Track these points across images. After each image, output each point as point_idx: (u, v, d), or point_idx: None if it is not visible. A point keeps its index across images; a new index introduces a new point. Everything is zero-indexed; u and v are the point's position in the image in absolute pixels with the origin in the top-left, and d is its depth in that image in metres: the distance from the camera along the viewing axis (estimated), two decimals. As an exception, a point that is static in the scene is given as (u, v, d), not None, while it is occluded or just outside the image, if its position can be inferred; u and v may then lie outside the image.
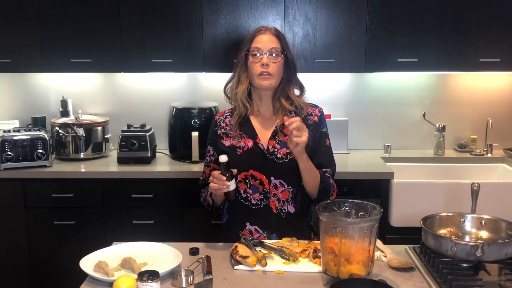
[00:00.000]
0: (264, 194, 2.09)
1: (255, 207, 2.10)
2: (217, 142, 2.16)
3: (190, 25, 3.22)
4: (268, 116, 2.15)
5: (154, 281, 1.55)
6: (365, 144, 3.63)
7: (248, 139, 2.11)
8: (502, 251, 1.70)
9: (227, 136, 2.15)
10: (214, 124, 2.20)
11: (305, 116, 2.13)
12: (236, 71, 2.12)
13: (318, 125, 2.14)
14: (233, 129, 2.13)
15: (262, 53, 2.04)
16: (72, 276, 1.97)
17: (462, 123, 3.63)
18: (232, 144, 2.12)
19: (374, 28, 3.21)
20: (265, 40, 2.06)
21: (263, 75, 2.04)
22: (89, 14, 3.21)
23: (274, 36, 2.07)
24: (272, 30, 2.10)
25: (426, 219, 1.90)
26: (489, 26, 3.20)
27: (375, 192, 3.05)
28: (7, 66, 3.28)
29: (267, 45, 2.05)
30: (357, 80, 3.60)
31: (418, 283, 1.70)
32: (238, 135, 2.12)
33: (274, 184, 2.09)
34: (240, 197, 2.10)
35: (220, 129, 2.17)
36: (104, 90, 3.63)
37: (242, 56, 2.08)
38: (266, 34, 2.07)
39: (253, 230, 2.09)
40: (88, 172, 3.10)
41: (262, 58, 2.04)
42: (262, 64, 2.03)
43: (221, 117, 2.20)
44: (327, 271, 1.66)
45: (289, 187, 2.10)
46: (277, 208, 2.10)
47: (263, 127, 2.14)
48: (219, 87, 3.57)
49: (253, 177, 2.08)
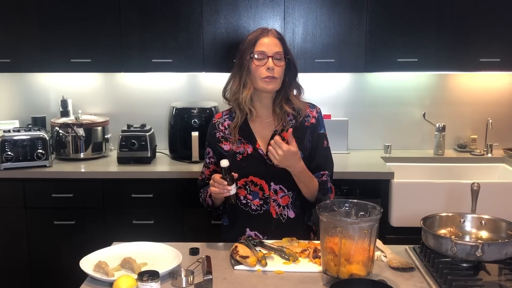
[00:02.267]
0: (264, 199, 2.09)
1: (255, 213, 2.10)
2: (216, 146, 2.15)
3: (190, 25, 3.22)
4: (266, 119, 2.14)
5: (154, 281, 1.55)
6: (365, 144, 3.63)
7: (247, 144, 2.10)
8: (502, 251, 1.70)
9: (226, 140, 2.13)
10: (213, 127, 2.18)
11: (302, 118, 2.13)
12: (237, 74, 2.09)
13: (316, 127, 2.14)
14: (232, 134, 2.11)
15: (267, 57, 2.02)
16: (72, 276, 1.97)
17: (462, 123, 3.63)
18: (231, 149, 2.11)
19: (374, 28, 3.21)
20: (269, 43, 2.04)
21: (267, 79, 2.03)
22: (89, 14, 3.21)
23: (277, 39, 2.06)
24: (274, 33, 2.08)
25: (426, 219, 1.91)
26: (489, 26, 3.20)
27: (375, 192, 3.05)
28: (7, 66, 3.28)
29: (272, 48, 2.03)
30: (357, 80, 3.60)
31: (418, 283, 1.70)
32: (237, 140, 2.10)
33: (274, 190, 2.09)
34: (240, 203, 2.10)
35: (219, 132, 2.15)
36: (104, 90, 3.63)
37: (247, 60, 2.05)
38: (270, 37, 2.06)
39: (253, 236, 2.09)
40: (88, 172, 3.10)
41: (267, 61, 2.02)
42: (268, 68, 2.02)
43: (219, 120, 2.17)
44: (327, 271, 1.66)
45: (289, 192, 2.10)
46: (277, 213, 2.10)
47: (261, 131, 2.13)
48: (219, 87, 3.57)
49: (253, 183, 2.08)
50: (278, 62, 2.04)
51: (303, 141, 2.09)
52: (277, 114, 2.11)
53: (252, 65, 2.04)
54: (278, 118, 2.11)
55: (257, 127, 2.13)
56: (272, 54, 2.03)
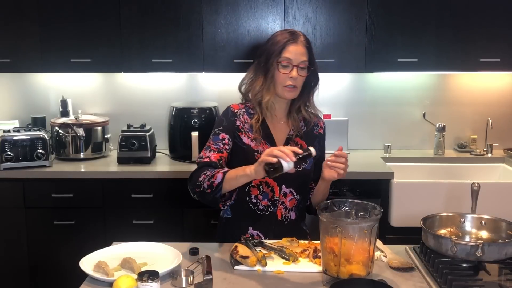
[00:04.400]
0: (272, 201, 2.08)
1: (261, 213, 2.09)
2: (235, 133, 2.08)
3: (190, 25, 3.22)
4: (282, 121, 2.13)
5: (154, 281, 1.54)
6: (365, 144, 3.63)
7: (266, 145, 2.07)
8: (502, 251, 1.70)
9: (245, 133, 2.08)
10: (233, 114, 2.09)
11: (312, 126, 2.16)
12: (260, 74, 2.05)
13: (322, 138, 2.20)
14: (254, 130, 2.07)
15: (292, 66, 2.01)
16: (72, 276, 1.96)
17: (462, 123, 3.63)
18: (249, 145, 2.07)
19: (374, 28, 3.21)
20: (297, 52, 2.01)
21: (288, 88, 2.02)
22: (89, 14, 3.21)
23: (304, 48, 2.03)
24: (302, 40, 2.04)
25: (426, 219, 1.90)
26: (489, 26, 3.20)
27: (375, 192, 3.05)
28: (7, 66, 3.28)
29: (299, 57, 2.01)
30: (357, 80, 3.60)
31: (418, 283, 1.70)
32: (258, 139, 2.07)
33: (284, 193, 2.09)
34: (250, 201, 2.09)
35: (240, 122, 2.09)
36: (104, 90, 3.63)
37: (273, 65, 2.01)
38: (298, 45, 2.02)
39: (255, 235, 2.09)
40: (88, 172, 3.10)
41: (291, 70, 2.00)
42: (291, 76, 2.01)
43: (239, 111, 2.11)
44: (327, 271, 1.66)
45: (297, 195, 2.11)
46: (282, 215, 2.10)
47: (277, 132, 2.12)
48: (219, 87, 3.62)
49: (267, 184, 2.07)
50: (301, 72, 2.02)
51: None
52: (293, 118, 2.12)
53: (276, 71, 2.02)
54: (294, 122, 2.12)
55: (273, 128, 2.12)
56: (298, 63, 2.01)
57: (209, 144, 2.06)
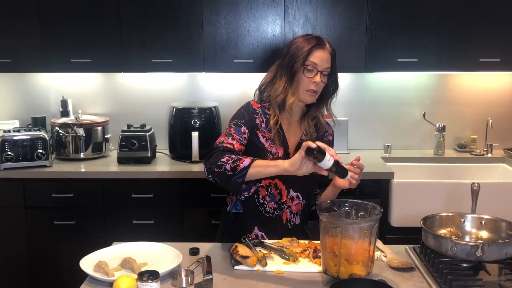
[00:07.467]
0: (279, 204, 2.08)
1: (267, 215, 2.09)
2: (253, 130, 2.05)
3: (190, 25, 3.22)
4: (295, 124, 2.13)
5: (154, 281, 1.55)
6: (365, 144, 3.63)
7: (279, 147, 2.06)
8: (502, 251, 1.70)
9: (262, 132, 2.06)
10: (254, 111, 2.07)
11: (322, 133, 2.18)
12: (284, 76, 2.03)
13: (331, 144, 2.20)
14: (272, 131, 2.05)
15: (317, 71, 2.00)
16: (72, 276, 1.97)
17: (462, 123, 3.63)
18: (264, 144, 2.06)
19: (374, 28, 3.21)
20: (323, 58, 2.01)
21: (310, 92, 2.02)
22: (89, 14, 3.21)
23: (330, 55, 2.03)
24: (328, 47, 2.03)
25: (426, 219, 1.90)
26: (489, 26, 3.20)
27: (375, 192, 3.05)
28: (7, 66, 3.28)
29: (324, 64, 2.01)
30: (357, 80, 3.60)
31: (418, 283, 1.70)
32: (272, 140, 2.06)
33: (291, 197, 2.09)
34: (257, 200, 2.09)
35: (259, 120, 2.07)
36: (104, 90, 3.63)
37: (299, 69, 2.00)
38: (325, 51, 2.01)
39: (259, 236, 2.09)
40: (88, 172, 3.10)
41: (315, 75, 2.00)
42: (314, 81, 2.00)
43: (258, 109, 2.09)
44: (327, 271, 1.66)
45: (303, 200, 2.12)
46: (287, 219, 2.11)
47: (290, 136, 2.11)
48: (219, 87, 3.62)
49: (276, 186, 2.07)
50: (324, 78, 2.03)
51: None
52: (307, 124, 2.12)
53: (300, 74, 2.01)
54: (308, 127, 2.12)
55: (286, 130, 2.11)
56: (322, 69, 2.01)
57: (230, 132, 2.00)
